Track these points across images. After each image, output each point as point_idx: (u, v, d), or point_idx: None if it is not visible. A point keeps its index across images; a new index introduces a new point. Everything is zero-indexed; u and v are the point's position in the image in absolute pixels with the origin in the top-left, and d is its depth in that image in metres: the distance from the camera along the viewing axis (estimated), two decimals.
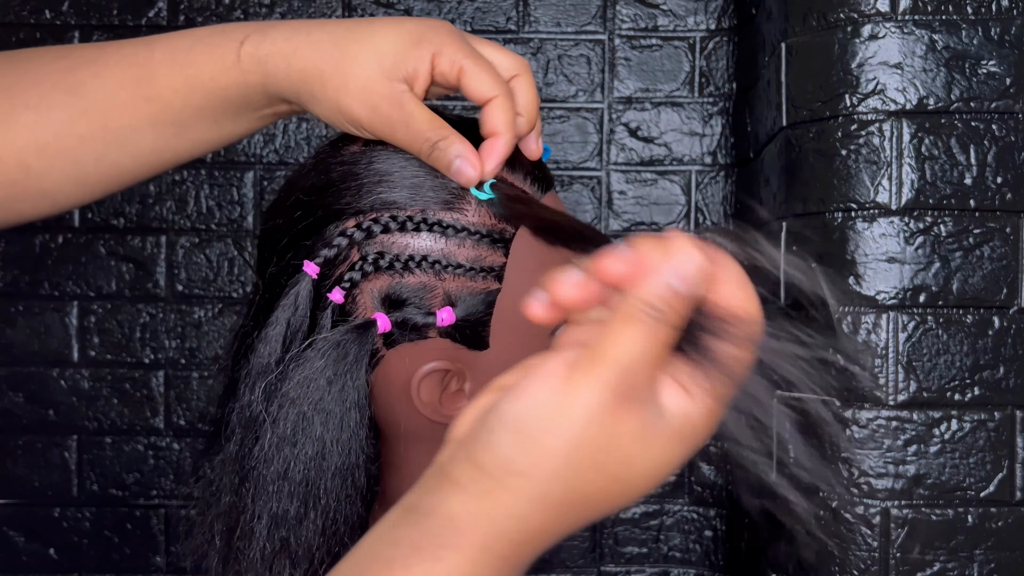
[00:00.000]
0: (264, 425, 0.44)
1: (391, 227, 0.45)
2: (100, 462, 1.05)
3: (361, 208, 0.46)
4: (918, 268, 0.73)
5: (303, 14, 1.06)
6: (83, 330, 1.06)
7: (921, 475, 0.73)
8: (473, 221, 0.46)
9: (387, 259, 0.45)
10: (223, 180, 1.06)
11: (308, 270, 0.46)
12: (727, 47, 1.06)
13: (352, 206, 0.46)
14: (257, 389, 0.45)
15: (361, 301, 0.46)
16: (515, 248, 0.47)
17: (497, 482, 0.31)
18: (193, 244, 1.06)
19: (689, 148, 1.07)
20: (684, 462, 0.34)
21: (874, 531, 0.73)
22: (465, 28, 1.06)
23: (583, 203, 1.07)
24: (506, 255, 0.47)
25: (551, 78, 1.07)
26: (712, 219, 1.07)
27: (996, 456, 0.73)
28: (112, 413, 1.06)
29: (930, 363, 0.73)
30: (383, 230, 0.45)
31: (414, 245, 0.46)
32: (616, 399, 0.31)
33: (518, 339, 0.48)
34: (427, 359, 0.47)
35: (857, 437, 0.74)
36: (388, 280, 0.46)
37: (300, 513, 0.44)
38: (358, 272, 0.45)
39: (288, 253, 0.48)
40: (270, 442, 0.44)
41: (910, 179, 0.73)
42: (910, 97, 0.73)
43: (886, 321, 0.73)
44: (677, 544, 1.07)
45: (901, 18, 0.74)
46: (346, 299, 0.46)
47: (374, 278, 0.46)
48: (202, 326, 1.06)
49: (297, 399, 0.44)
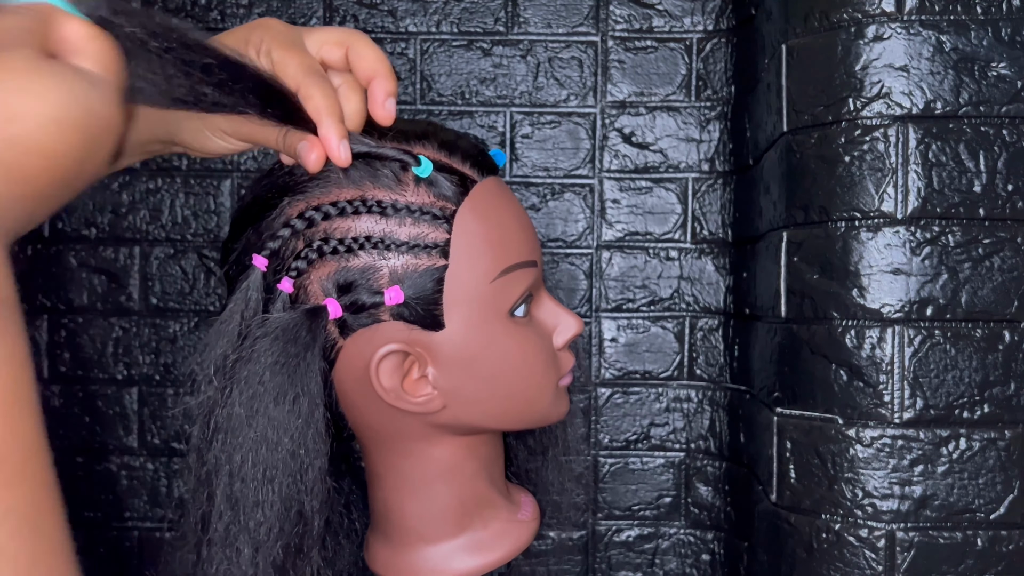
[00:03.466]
0: (220, 411, 0.46)
1: (331, 213, 0.47)
2: (71, 483, 1.02)
3: (303, 199, 0.48)
4: (925, 280, 0.71)
5: (282, 15, 1.02)
6: (53, 345, 1.03)
7: (928, 496, 0.71)
8: (412, 200, 0.48)
9: (331, 244, 0.47)
10: (199, 189, 1.03)
11: (257, 263, 0.48)
12: (725, 49, 1.04)
13: (295, 198, 0.48)
14: (214, 380, 0.46)
15: (312, 290, 0.48)
16: (458, 224, 0.49)
17: None
18: (168, 255, 1.03)
19: (685, 155, 1.04)
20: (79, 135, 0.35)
21: (879, 555, 0.71)
22: (452, 29, 1.03)
23: (575, 212, 1.04)
24: (449, 231, 0.49)
25: (541, 81, 1.04)
26: (710, 229, 1.04)
27: (1007, 476, 0.71)
28: (83, 431, 1.03)
29: (937, 379, 0.71)
30: (324, 217, 0.47)
31: (356, 227, 0.48)
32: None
33: (473, 317, 0.50)
34: (383, 343, 0.49)
35: (861, 456, 0.71)
36: (335, 265, 0.48)
37: (258, 497, 0.46)
38: (304, 260, 0.47)
39: (239, 251, 0.50)
40: (226, 425, 0.46)
41: (916, 187, 0.71)
42: (916, 101, 0.71)
43: (891, 335, 0.71)
44: (673, 568, 1.04)
45: (907, 18, 0.71)
46: (297, 289, 0.48)
47: (320, 264, 0.48)
48: (177, 340, 1.03)
49: (250, 380, 0.46)
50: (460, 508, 0.56)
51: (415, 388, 0.50)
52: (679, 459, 1.05)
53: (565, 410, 0.57)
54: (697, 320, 1.04)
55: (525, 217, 0.54)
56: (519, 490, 0.63)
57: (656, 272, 1.04)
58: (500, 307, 0.51)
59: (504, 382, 0.52)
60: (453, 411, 0.52)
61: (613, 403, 1.05)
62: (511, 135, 1.04)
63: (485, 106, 1.04)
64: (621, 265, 1.04)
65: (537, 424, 0.57)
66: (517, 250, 0.52)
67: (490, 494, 0.58)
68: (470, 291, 0.50)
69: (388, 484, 0.56)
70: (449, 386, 0.51)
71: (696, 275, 1.04)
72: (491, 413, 0.53)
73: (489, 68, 1.04)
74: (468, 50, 1.04)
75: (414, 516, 0.56)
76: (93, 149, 0.34)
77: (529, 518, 0.59)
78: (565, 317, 0.56)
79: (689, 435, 1.05)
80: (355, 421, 0.54)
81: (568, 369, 0.57)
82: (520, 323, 0.53)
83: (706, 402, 1.04)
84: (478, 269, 0.50)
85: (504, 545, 0.57)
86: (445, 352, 0.50)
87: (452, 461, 0.55)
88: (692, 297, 1.04)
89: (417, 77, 1.03)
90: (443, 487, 0.55)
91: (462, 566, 0.56)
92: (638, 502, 1.05)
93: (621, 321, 1.04)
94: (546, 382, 0.54)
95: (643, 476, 1.05)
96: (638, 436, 1.05)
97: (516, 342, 0.52)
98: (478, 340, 0.50)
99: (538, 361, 0.54)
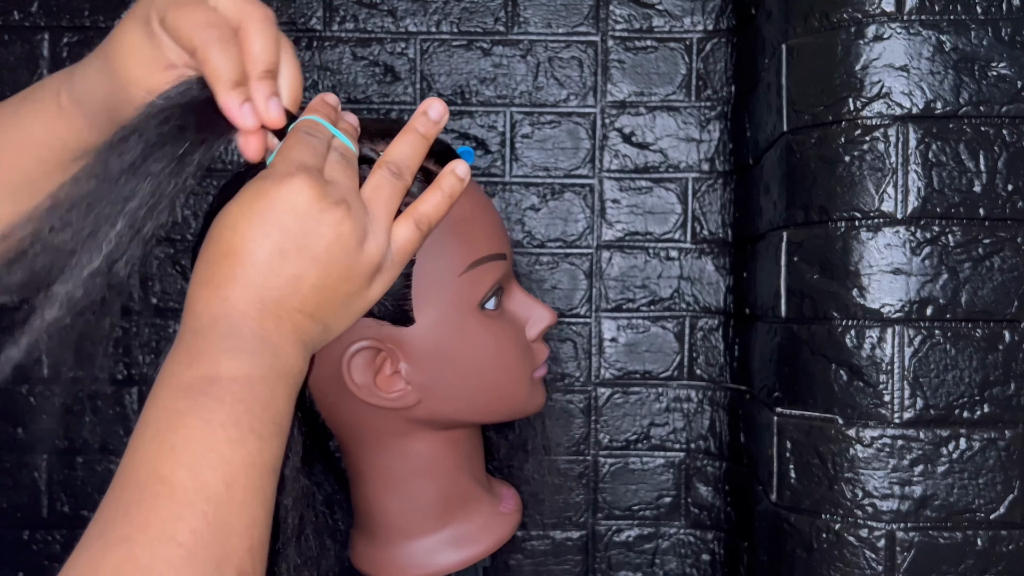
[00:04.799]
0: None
1: None
2: (71, 483, 1.02)
3: None
4: (925, 280, 0.71)
5: (282, 15, 1.02)
6: None
7: (928, 496, 0.71)
8: None
9: None
10: (198, 188, 1.03)
11: None
12: (725, 49, 1.04)
13: None
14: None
15: None
16: None
17: (212, 265, 0.40)
18: (167, 255, 1.03)
19: (686, 154, 1.04)
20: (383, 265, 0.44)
21: (879, 555, 0.71)
22: (452, 29, 1.03)
23: (575, 212, 1.04)
24: None
25: (541, 81, 1.04)
26: (710, 229, 1.04)
27: (1007, 476, 0.71)
28: (84, 431, 1.02)
29: (938, 379, 0.71)
30: None
31: None
32: (306, 187, 0.40)
33: (443, 311, 0.50)
34: (353, 340, 0.49)
35: (861, 456, 0.71)
36: None
37: None
38: None
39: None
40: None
41: (916, 187, 0.71)
42: (916, 101, 0.71)
43: (891, 335, 0.71)
44: (673, 568, 1.04)
45: (907, 18, 0.71)
46: None
47: None
48: None
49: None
50: (442, 502, 0.56)
51: (388, 384, 0.51)
52: (679, 459, 1.05)
53: (541, 402, 0.57)
54: (697, 320, 1.04)
55: (492, 210, 0.54)
56: (500, 483, 0.63)
57: (656, 272, 1.04)
58: (470, 301, 0.51)
59: (478, 375, 0.52)
60: (428, 405, 0.52)
61: (613, 403, 1.05)
62: (511, 135, 1.04)
63: (485, 106, 1.04)
64: (621, 265, 1.04)
65: (514, 416, 0.57)
66: (485, 243, 0.52)
67: (472, 487, 0.58)
68: (439, 286, 0.50)
69: (369, 481, 0.56)
70: (422, 381, 0.51)
71: (696, 275, 1.04)
72: (466, 406, 0.53)
73: (489, 68, 1.04)
74: (468, 50, 1.04)
75: (396, 512, 0.56)
76: None
77: (511, 510, 0.60)
78: (537, 309, 0.56)
79: (689, 435, 1.05)
80: (332, 420, 0.54)
81: (543, 360, 0.57)
82: (491, 316, 0.53)
83: (706, 402, 1.04)
84: (445, 263, 0.50)
85: (487, 538, 0.57)
86: (416, 347, 0.50)
87: (432, 456, 0.55)
88: (692, 297, 1.04)
89: (417, 77, 1.03)
90: (424, 482, 0.55)
91: (446, 560, 0.56)
92: (638, 502, 1.05)
93: (621, 321, 1.04)
94: (520, 374, 0.54)
95: (643, 476, 1.05)
96: (638, 436, 1.05)
97: (488, 335, 0.52)
98: (449, 334, 0.51)
99: (511, 354, 0.54)
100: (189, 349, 0.39)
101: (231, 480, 0.36)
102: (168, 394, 0.37)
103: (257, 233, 0.39)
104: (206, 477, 0.35)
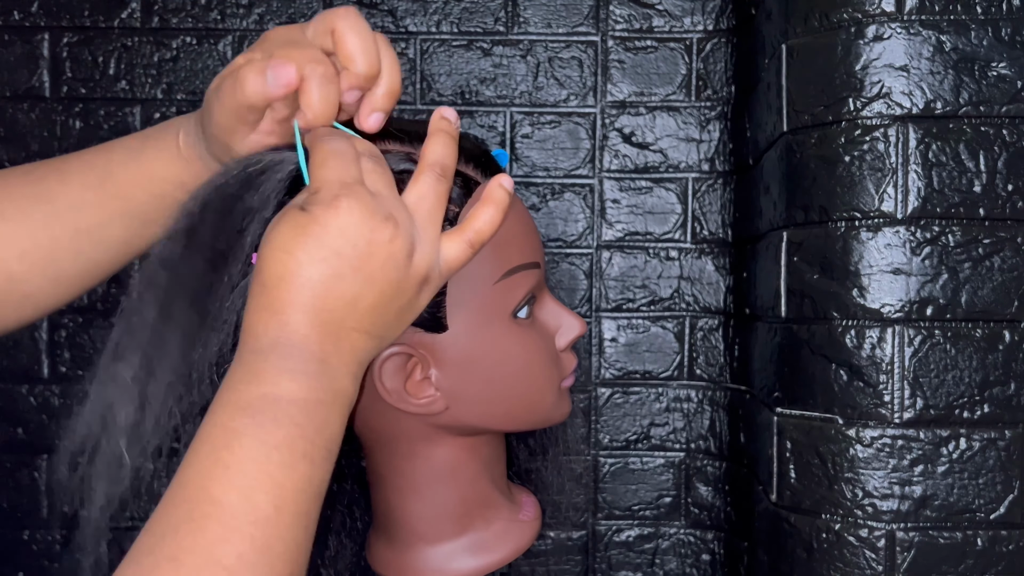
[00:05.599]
0: None
1: None
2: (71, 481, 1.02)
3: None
4: (925, 280, 0.71)
5: (282, 15, 1.02)
6: (53, 345, 1.03)
7: (928, 496, 0.71)
8: None
9: None
10: None
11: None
12: (725, 49, 1.04)
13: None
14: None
15: None
16: None
17: (270, 290, 0.41)
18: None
19: (685, 154, 1.04)
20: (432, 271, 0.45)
21: (879, 555, 0.71)
22: (452, 29, 1.03)
23: (575, 212, 1.04)
24: None
25: (541, 81, 1.04)
26: (710, 229, 1.04)
27: (1007, 476, 0.71)
28: None
29: (937, 379, 0.71)
30: None
31: None
32: (358, 209, 0.41)
33: (476, 319, 0.50)
34: (387, 346, 0.49)
35: (861, 456, 0.71)
36: None
37: None
38: None
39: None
40: None
41: (916, 187, 0.71)
42: (916, 101, 0.71)
43: (891, 335, 0.71)
44: (673, 568, 1.04)
45: (907, 18, 0.71)
46: None
47: None
48: None
49: None
50: (462, 508, 0.56)
51: (418, 389, 0.50)
52: (679, 459, 1.05)
53: (567, 411, 0.57)
54: (697, 320, 1.04)
55: (528, 218, 0.54)
56: (521, 490, 0.63)
57: (656, 272, 1.04)
58: (503, 309, 0.51)
59: (507, 384, 0.52)
60: (455, 412, 0.52)
61: (613, 403, 1.05)
62: (511, 135, 1.04)
63: (485, 106, 1.04)
64: (621, 265, 1.04)
65: (540, 425, 0.56)
66: (520, 252, 0.52)
67: (492, 494, 0.57)
68: (473, 293, 0.50)
69: (390, 485, 0.56)
70: (452, 388, 0.51)
71: (696, 275, 1.04)
72: (493, 414, 0.53)
73: (489, 68, 1.04)
74: (468, 50, 1.04)
75: (416, 516, 0.56)
76: None
77: (531, 518, 0.59)
78: (568, 318, 0.56)
79: (689, 435, 1.05)
80: (357, 422, 0.54)
81: (571, 370, 0.57)
82: (523, 325, 0.52)
83: (706, 402, 1.04)
84: (481, 271, 0.50)
85: (506, 545, 0.57)
86: (448, 354, 0.50)
87: (454, 462, 0.55)
88: (692, 297, 1.04)
89: (417, 77, 1.03)
90: (445, 488, 0.55)
91: (464, 566, 0.56)
92: (638, 502, 1.05)
93: (621, 321, 1.04)
94: (548, 384, 0.54)
95: (643, 476, 1.05)
96: (638, 436, 1.05)
97: (519, 344, 0.52)
98: (481, 342, 0.50)
99: (541, 363, 0.53)
100: (249, 368, 0.40)
101: (280, 504, 0.37)
102: (226, 411, 0.39)
103: (314, 258, 0.40)
104: (256, 500, 0.36)
